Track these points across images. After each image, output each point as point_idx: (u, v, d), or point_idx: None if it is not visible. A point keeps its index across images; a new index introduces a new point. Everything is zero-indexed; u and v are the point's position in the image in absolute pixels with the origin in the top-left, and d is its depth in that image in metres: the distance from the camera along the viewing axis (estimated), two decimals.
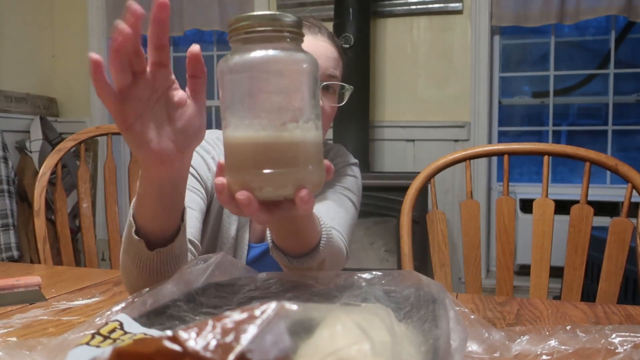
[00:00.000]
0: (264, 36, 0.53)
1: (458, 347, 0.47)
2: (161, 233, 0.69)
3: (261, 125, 0.53)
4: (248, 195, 0.53)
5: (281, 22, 0.54)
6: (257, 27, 0.53)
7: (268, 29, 0.53)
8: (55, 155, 1.37)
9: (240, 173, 0.54)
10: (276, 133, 0.53)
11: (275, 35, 0.54)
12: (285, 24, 0.54)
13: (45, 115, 3.32)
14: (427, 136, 2.95)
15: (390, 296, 0.58)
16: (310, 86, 0.55)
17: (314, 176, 0.55)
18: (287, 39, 0.54)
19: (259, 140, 0.53)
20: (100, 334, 0.50)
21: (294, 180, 0.54)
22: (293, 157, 0.53)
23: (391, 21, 3.00)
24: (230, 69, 0.54)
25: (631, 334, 0.62)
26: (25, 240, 3.07)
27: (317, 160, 0.56)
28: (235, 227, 1.03)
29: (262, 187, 0.53)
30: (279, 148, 0.53)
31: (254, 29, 0.53)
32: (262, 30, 0.53)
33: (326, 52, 0.97)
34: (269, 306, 0.36)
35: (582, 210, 1.16)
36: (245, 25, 0.53)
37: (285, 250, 0.74)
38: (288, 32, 0.54)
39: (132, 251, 0.69)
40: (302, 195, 0.53)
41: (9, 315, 0.75)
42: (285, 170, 0.53)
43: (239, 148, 0.54)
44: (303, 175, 0.54)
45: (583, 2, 2.68)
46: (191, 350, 0.32)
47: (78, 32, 3.44)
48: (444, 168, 1.23)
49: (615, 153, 2.90)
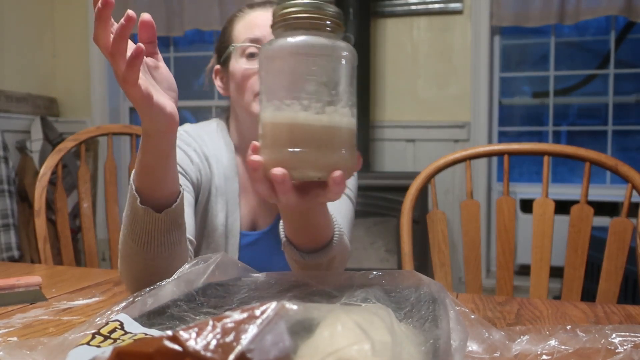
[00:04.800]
0: (307, 23, 0.57)
1: (458, 347, 0.47)
2: (165, 199, 0.73)
3: (302, 106, 0.55)
4: (284, 172, 0.54)
5: (324, 11, 0.57)
6: (301, 14, 0.56)
7: (312, 16, 0.57)
8: (56, 155, 1.37)
9: (276, 151, 0.56)
10: (315, 115, 0.55)
11: (318, 23, 0.57)
12: (327, 13, 0.57)
13: (45, 115, 3.32)
14: (427, 136, 2.95)
15: (390, 296, 0.58)
16: (348, 74, 0.58)
17: (347, 161, 0.57)
18: (329, 28, 0.58)
19: (297, 120, 0.55)
20: (101, 334, 0.50)
21: (329, 162, 0.56)
22: (329, 139, 0.55)
23: (391, 21, 3.00)
24: (274, 53, 0.57)
25: (631, 333, 0.62)
26: (26, 240, 3.07)
27: (351, 145, 0.58)
28: (223, 215, 1.03)
29: (297, 167, 0.55)
30: (317, 130, 0.55)
31: (298, 16, 0.56)
32: (305, 17, 0.56)
33: None
34: (269, 306, 0.36)
35: (582, 210, 1.16)
36: (290, 12, 0.57)
37: (298, 246, 0.75)
38: (330, 21, 0.57)
39: (138, 225, 0.73)
40: (336, 177, 0.55)
41: (10, 315, 0.75)
42: (321, 152, 0.55)
43: (277, 127, 0.56)
44: (338, 158, 0.56)
45: (583, 3, 2.68)
46: (191, 350, 0.32)
47: (78, 32, 3.44)
48: (444, 168, 1.23)
49: (615, 153, 2.90)
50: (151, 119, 0.66)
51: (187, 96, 3.49)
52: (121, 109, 3.55)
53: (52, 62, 3.50)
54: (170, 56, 3.50)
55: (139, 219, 0.73)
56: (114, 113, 3.51)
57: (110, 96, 3.47)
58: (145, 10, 0.53)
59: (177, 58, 3.51)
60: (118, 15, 0.57)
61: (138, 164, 0.71)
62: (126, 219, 0.75)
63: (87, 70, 3.45)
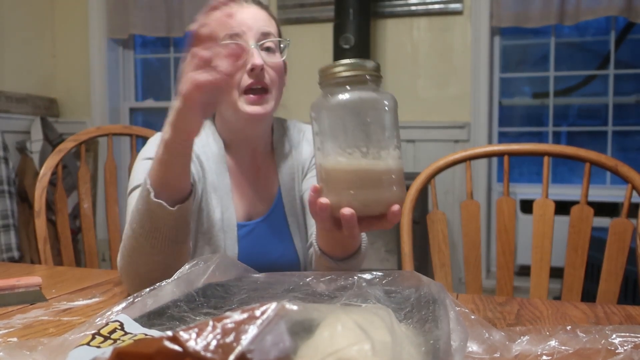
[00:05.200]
0: (355, 79, 0.65)
1: (458, 347, 0.47)
2: (178, 195, 0.78)
3: (361, 153, 0.64)
4: (351, 212, 0.63)
5: (366, 68, 0.66)
6: (348, 72, 0.65)
7: (357, 74, 0.65)
8: (56, 156, 1.37)
9: (342, 194, 0.65)
10: (373, 160, 0.64)
11: (363, 78, 0.66)
12: (369, 69, 0.66)
13: (45, 115, 3.32)
14: (427, 137, 2.95)
15: (390, 296, 0.58)
16: (393, 119, 0.66)
17: (401, 195, 0.67)
18: (371, 81, 0.66)
19: (360, 167, 0.64)
20: (101, 335, 0.50)
21: (388, 199, 0.65)
22: (387, 179, 0.65)
23: (391, 22, 3.00)
24: (328, 108, 0.66)
25: (631, 334, 0.62)
26: (26, 240, 3.07)
27: (402, 181, 0.68)
28: (219, 210, 1.05)
29: (361, 206, 0.64)
30: (376, 173, 0.64)
31: (346, 75, 0.65)
32: (352, 76, 0.65)
33: (254, 16, 1.02)
34: (269, 306, 0.36)
35: (582, 211, 1.16)
36: (338, 71, 0.66)
37: (333, 256, 0.82)
38: (372, 75, 0.66)
39: (148, 219, 0.77)
40: (394, 210, 0.65)
41: (10, 316, 0.75)
42: (381, 191, 0.65)
43: (341, 173, 0.65)
44: (394, 194, 0.65)
45: (583, 3, 2.68)
46: (192, 350, 0.32)
47: (78, 32, 3.44)
48: (444, 168, 1.23)
49: (615, 154, 2.90)
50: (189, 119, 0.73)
51: None
52: (121, 110, 3.55)
53: (52, 63, 3.50)
54: (170, 56, 3.50)
55: (150, 213, 0.77)
56: (114, 113, 3.51)
57: (110, 96, 3.47)
58: (145, 10, 0.53)
59: (177, 58, 3.51)
60: (120, 19, 0.57)
61: (157, 160, 0.76)
62: (136, 213, 0.79)
63: (87, 70, 3.45)
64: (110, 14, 3.33)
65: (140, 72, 3.64)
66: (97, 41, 3.40)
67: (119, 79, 3.54)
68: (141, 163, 0.99)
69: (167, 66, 3.52)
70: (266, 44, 1.01)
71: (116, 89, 3.51)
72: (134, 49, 3.56)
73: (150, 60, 3.67)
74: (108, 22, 3.35)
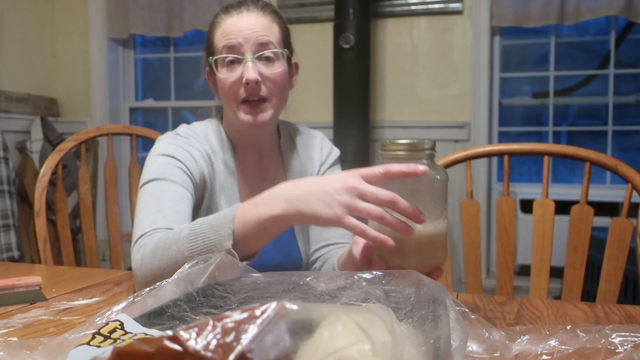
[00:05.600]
0: (412, 157, 0.72)
1: (458, 347, 0.47)
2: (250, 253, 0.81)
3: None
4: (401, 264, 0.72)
5: (425, 147, 0.73)
6: (407, 153, 0.72)
7: (417, 154, 0.72)
8: (56, 156, 1.37)
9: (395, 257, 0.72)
10: (423, 228, 0.71)
11: (419, 156, 0.72)
12: (427, 148, 0.73)
13: (45, 115, 3.32)
14: (427, 136, 2.94)
15: (390, 296, 0.58)
16: (444, 193, 0.74)
17: (443, 259, 0.75)
18: (427, 158, 0.73)
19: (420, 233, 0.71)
20: (101, 334, 0.50)
21: (432, 263, 0.74)
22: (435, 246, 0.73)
23: (391, 21, 3.00)
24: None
25: (631, 333, 0.62)
26: (26, 240, 3.07)
27: (446, 245, 0.77)
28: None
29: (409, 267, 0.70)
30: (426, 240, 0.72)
31: (405, 152, 0.72)
32: (411, 156, 0.72)
33: (253, 26, 1.02)
34: (269, 306, 0.36)
35: (582, 211, 1.16)
36: (397, 149, 0.73)
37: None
38: (428, 153, 0.73)
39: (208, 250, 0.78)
40: (438, 273, 0.74)
41: (10, 315, 0.76)
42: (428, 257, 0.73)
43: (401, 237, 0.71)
44: (438, 260, 0.74)
45: (583, 3, 2.68)
46: (192, 350, 0.32)
47: (78, 32, 3.44)
48: (444, 168, 1.23)
49: (615, 153, 2.90)
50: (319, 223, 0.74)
51: (187, 96, 3.49)
52: (121, 110, 3.55)
53: (52, 63, 3.50)
54: (170, 56, 3.50)
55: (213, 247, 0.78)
56: (114, 113, 3.51)
57: (110, 96, 3.47)
58: (145, 10, 0.53)
59: (177, 58, 3.51)
60: (120, 19, 0.57)
61: (255, 222, 0.76)
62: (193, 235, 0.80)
63: (87, 70, 3.45)
64: (110, 14, 3.33)
65: (140, 72, 3.64)
66: (97, 41, 3.40)
67: (119, 78, 3.54)
68: (156, 158, 1.01)
69: (167, 66, 3.52)
70: (265, 54, 1.01)
71: (116, 89, 3.51)
72: (134, 48, 3.56)
73: (150, 60, 3.67)
74: (108, 22, 3.34)
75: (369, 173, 0.71)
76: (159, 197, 0.95)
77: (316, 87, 2.94)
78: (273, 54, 1.02)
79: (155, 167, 0.99)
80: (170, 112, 3.51)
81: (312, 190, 0.72)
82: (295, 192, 0.74)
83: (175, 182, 0.98)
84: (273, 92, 1.02)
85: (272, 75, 1.02)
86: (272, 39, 1.02)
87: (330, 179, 0.72)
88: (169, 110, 3.51)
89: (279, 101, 1.04)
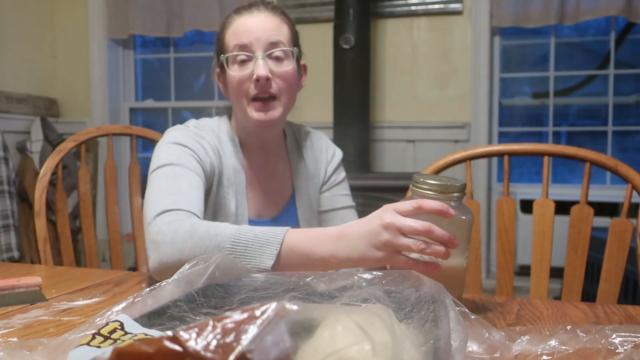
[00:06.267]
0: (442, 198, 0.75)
1: (458, 347, 0.47)
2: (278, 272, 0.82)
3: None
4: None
5: (455, 188, 0.75)
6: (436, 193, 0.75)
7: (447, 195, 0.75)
8: (56, 156, 1.37)
9: None
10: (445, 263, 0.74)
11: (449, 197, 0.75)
12: (457, 189, 0.76)
13: (45, 116, 3.32)
14: (427, 137, 2.95)
15: (390, 296, 0.58)
16: (467, 232, 0.77)
17: (460, 294, 0.80)
18: (456, 199, 0.76)
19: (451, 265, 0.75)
20: (101, 335, 0.50)
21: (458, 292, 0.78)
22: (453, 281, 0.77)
23: (391, 22, 3.00)
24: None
25: (631, 334, 0.62)
26: (26, 240, 3.07)
27: (464, 281, 0.81)
28: (234, 205, 1.08)
29: None
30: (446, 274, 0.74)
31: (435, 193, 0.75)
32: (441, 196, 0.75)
33: (264, 26, 1.04)
34: (269, 306, 0.36)
35: (582, 211, 1.16)
36: (428, 188, 0.75)
37: None
38: (457, 195, 0.76)
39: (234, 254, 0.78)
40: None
41: (10, 316, 0.76)
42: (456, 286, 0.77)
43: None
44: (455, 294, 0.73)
45: (583, 3, 2.68)
46: (192, 350, 0.32)
47: (78, 32, 3.44)
48: (444, 168, 1.23)
49: (615, 154, 2.90)
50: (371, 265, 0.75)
51: (187, 96, 3.49)
52: (121, 110, 3.55)
53: (52, 63, 3.50)
54: (170, 56, 3.50)
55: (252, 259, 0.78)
56: (114, 114, 3.51)
57: (110, 97, 3.47)
58: (145, 10, 0.52)
59: (177, 58, 3.51)
60: (120, 19, 0.57)
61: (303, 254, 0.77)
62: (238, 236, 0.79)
63: (87, 70, 3.45)
64: (110, 14, 3.33)
65: (140, 72, 3.64)
66: (97, 41, 3.40)
67: (119, 79, 3.54)
68: (169, 146, 1.01)
69: (167, 66, 3.52)
70: (275, 53, 1.03)
71: (116, 89, 3.51)
72: (134, 49, 3.56)
73: (150, 60, 3.67)
74: (108, 22, 3.34)
75: (402, 208, 0.72)
76: (176, 180, 0.95)
77: (316, 87, 2.94)
78: (283, 52, 1.04)
79: (169, 153, 0.99)
80: (170, 113, 3.51)
81: (355, 234, 0.75)
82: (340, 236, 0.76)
83: (190, 169, 0.98)
84: (283, 90, 1.03)
85: (282, 73, 1.03)
86: (282, 38, 1.04)
87: (368, 219, 0.75)
88: (169, 111, 3.51)
89: (288, 100, 1.05)
